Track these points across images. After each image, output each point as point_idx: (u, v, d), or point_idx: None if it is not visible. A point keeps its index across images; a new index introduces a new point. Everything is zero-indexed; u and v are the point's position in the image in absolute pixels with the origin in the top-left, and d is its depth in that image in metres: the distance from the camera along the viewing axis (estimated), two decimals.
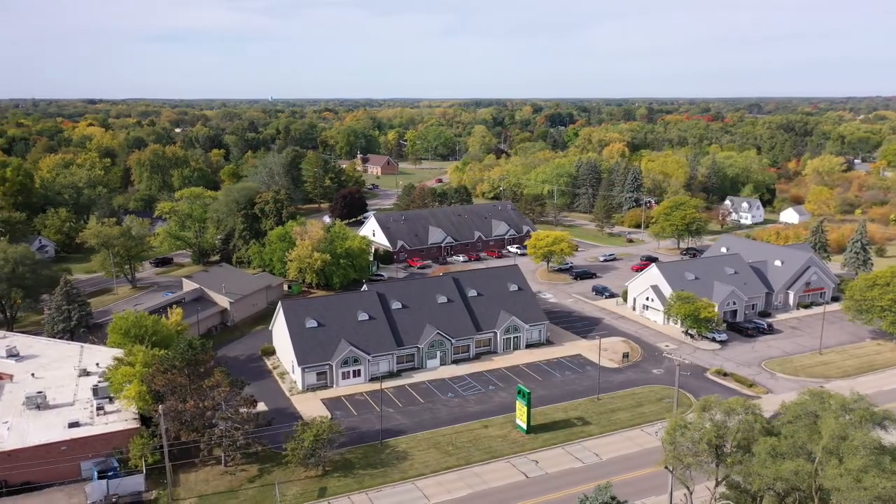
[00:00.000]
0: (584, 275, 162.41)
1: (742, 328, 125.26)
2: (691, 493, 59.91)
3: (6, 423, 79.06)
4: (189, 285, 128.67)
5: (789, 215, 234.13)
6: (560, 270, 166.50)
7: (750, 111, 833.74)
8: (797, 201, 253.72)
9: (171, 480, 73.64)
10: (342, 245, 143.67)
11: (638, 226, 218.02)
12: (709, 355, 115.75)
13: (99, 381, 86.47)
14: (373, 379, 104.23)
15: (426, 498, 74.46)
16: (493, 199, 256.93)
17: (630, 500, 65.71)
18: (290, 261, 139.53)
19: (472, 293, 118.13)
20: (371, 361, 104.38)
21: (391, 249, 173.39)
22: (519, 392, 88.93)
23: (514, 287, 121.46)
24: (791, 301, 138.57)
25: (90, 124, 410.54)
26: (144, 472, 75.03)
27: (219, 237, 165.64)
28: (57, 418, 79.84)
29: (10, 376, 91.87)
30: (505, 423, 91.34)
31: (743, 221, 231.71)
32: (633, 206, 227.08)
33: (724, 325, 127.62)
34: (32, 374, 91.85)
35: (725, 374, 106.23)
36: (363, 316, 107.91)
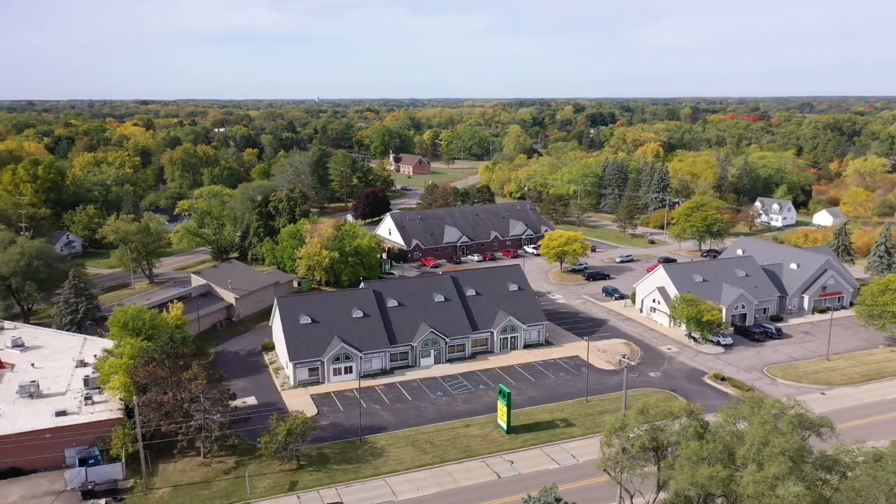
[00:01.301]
0: (596, 276, 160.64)
1: (750, 332, 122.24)
2: (631, 498, 58.83)
3: (1, 410, 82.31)
4: (197, 281, 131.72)
5: (823, 217, 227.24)
6: (574, 271, 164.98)
7: (801, 110, 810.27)
8: (833, 203, 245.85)
9: (145, 470, 75.64)
10: (351, 243, 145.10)
11: (662, 227, 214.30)
12: (710, 359, 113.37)
13: (91, 373, 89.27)
14: (365, 376, 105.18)
15: (394, 494, 74.90)
16: (519, 198, 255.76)
17: None
18: (300, 258, 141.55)
19: (470, 292, 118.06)
20: (363, 359, 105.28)
21: (405, 248, 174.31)
22: (500, 392, 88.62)
23: (513, 287, 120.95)
24: (806, 305, 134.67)
25: (135, 124, 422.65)
26: (124, 460, 77.16)
27: (238, 234, 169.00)
28: (46, 407, 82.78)
29: (12, 365, 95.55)
30: (487, 422, 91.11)
31: (773, 223, 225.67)
32: (659, 207, 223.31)
33: (732, 328, 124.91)
34: (32, 364, 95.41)
35: (723, 379, 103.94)
36: (357, 313, 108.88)
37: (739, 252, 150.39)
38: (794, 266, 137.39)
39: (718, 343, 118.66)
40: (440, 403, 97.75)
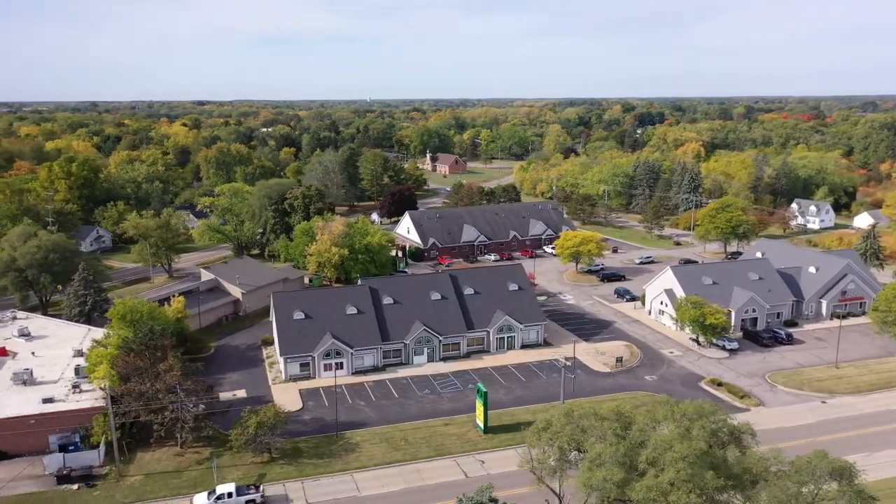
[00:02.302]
0: (612, 277, 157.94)
1: (759, 337, 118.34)
2: (560, 499, 57.38)
3: None
4: (206, 275, 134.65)
5: (864, 220, 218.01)
6: (590, 272, 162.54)
7: (864, 110, 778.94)
8: (878, 206, 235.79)
9: (119, 458, 77.69)
10: (361, 241, 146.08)
11: (690, 228, 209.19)
12: (712, 364, 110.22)
13: (83, 362, 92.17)
14: (357, 372, 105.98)
15: (358, 490, 75.18)
16: (549, 199, 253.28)
17: None
18: (310, 255, 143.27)
19: (468, 291, 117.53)
20: (354, 355, 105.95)
21: (422, 247, 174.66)
22: (478, 391, 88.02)
23: (513, 286, 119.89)
24: (824, 311, 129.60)
25: (183, 124, 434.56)
26: (102, 448, 79.42)
27: (259, 231, 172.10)
28: (36, 394, 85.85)
29: (15, 354, 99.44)
30: (468, 422, 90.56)
31: (810, 226, 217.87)
32: (690, 208, 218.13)
33: (741, 333, 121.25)
34: (33, 353, 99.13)
35: (719, 384, 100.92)
36: (352, 310, 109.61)
37: (758, 254, 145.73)
38: (812, 270, 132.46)
39: (724, 347, 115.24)
40: (425, 401, 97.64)
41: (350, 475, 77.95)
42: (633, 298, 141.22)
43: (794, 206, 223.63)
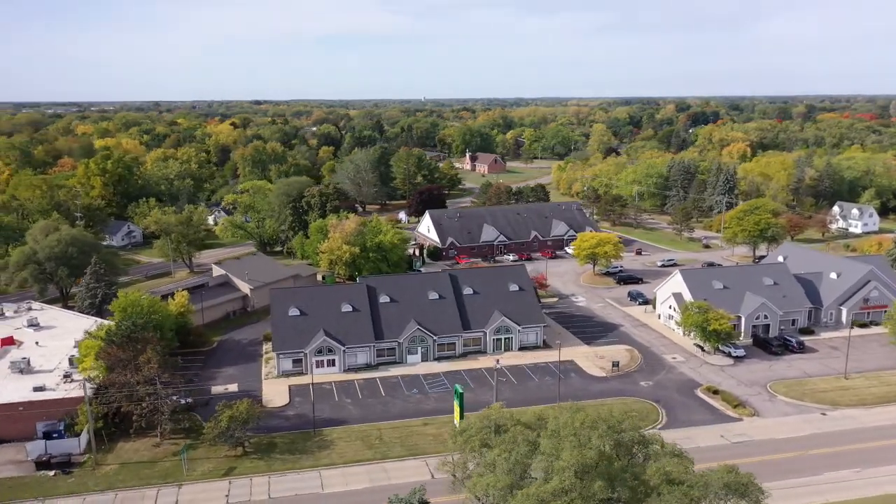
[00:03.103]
0: (628, 279, 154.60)
1: (768, 344, 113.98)
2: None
3: None
4: (217, 271, 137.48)
5: None
6: (608, 274, 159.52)
7: None
8: None
9: (94, 446, 79.98)
10: (373, 239, 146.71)
11: (721, 231, 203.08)
12: (714, 371, 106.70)
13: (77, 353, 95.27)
14: (348, 369, 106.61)
15: (321, 487, 75.54)
16: (582, 199, 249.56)
17: None
18: (322, 252, 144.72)
19: (467, 291, 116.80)
20: (347, 352, 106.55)
21: (440, 246, 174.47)
22: (455, 392, 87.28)
23: (514, 287, 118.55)
24: (844, 318, 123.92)
25: (232, 123, 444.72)
26: (85, 436, 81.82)
27: (282, 228, 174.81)
28: (31, 382, 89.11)
29: (21, 343, 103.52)
30: (447, 422, 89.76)
31: (852, 230, 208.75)
32: (724, 210, 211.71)
33: (751, 339, 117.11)
34: (37, 343, 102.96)
35: (716, 392, 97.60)
36: (347, 308, 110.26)
37: (780, 258, 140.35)
38: (833, 276, 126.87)
39: (729, 354, 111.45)
40: (411, 401, 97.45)
41: (318, 472, 78.39)
42: (646, 302, 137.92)
43: (835, 208, 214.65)
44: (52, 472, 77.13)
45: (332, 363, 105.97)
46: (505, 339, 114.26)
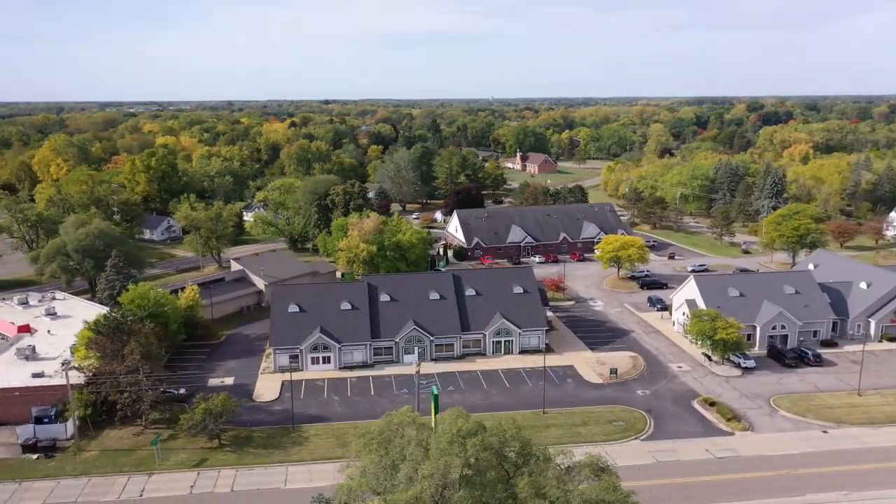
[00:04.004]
0: (652, 284, 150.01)
1: (782, 356, 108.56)
2: None
3: None
4: (235, 267, 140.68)
5: None
6: (633, 278, 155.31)
7: None
8: None
9: (76, 433, 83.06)
10: (391, 238, 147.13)
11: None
12: (718, 382, 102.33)
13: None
14: (344, 367, 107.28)
15: (284, 483, 76.23)
16: (635, 201, 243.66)
17: None
18: (340, 250, 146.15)
19: (469, 292, 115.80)
20: (343, 350, 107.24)
21: (465, 246, 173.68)
22: (431, 394, 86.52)
23: (518, 290, 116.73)
24: (872, 331, 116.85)
25: (292, 123, 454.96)
26: (70, 422, 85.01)
27: (309, 225, 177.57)
28: (32, 368, 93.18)
29: (35, 330, 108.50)
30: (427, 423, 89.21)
31: None
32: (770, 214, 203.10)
33: (767, 350, 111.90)
34: (49, 331, 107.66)
35: (712, 404, 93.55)
36: (345, 305, 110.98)
37: (810, 266, 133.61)
38: (863, 285, 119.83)
39: (738, 365, 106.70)
40: (398, 401, 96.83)
41: (285, 467, 79.13)
42: (664, 308, 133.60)
43: (892, 214, 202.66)
44: (35, 456, 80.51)
45: (327, 360, 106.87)
46: (505, 341, 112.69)
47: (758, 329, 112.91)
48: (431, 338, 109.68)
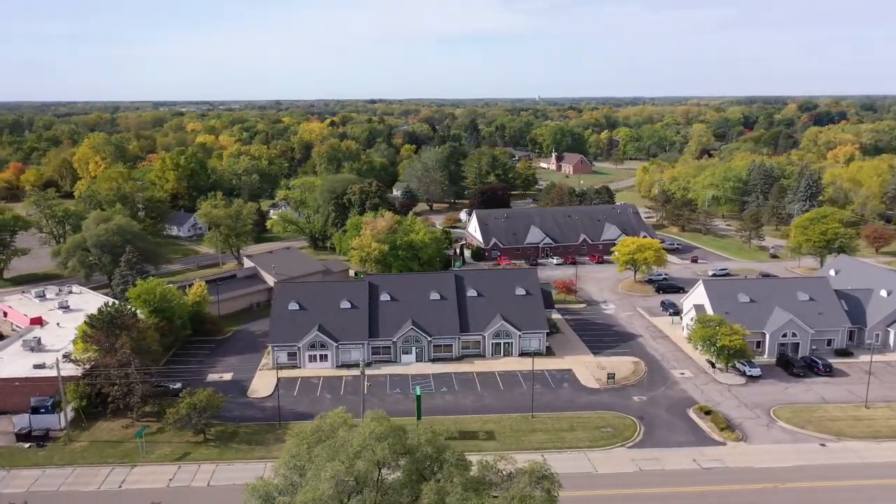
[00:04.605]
0: (669, 288, 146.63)
1: (790, 365, 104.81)
2: None
3: (0, 357, 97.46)
4: (248, 264, 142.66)
5: None
6: (650, 281, 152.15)
7: None
8: None
9: (67, 423, 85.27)
10: (403, 237, 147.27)
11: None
12: (719, 390, 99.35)
13: None
14: (342, 365, 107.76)
15: (262, 478, 76.60)
16: (664, 202, 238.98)
17: None
18: (353, 249, 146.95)
19: (471, 293, 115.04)
20: (340, 349, 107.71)
21: (483, 246, 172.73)
22: (415, 394, 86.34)
23: (520, 291, 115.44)
24: (892, 341, 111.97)
25: (332, 122, 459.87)
26: (66, 413, 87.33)
27: (329, 224, 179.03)
28: (35, 360, 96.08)
29: (46, 323, 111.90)
30: (410, 424, 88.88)
31: None
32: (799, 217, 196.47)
33: (776, 358, 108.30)
34: (58, 324, 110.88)
35: (708, 413, 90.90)
36: (345, 304, 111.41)
37: (831, 272, 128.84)
38: (883, 293, 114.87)
39: (743, 373, 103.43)
40: (389, 401, 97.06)
41: (264, 464, 79.61)
42: (677, 313, 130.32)
43: None
44: (27, 445, 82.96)
45: (324, 358, 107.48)
46: (505, 343, 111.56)
47: (767, 336, 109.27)
48: (429, 338, 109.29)
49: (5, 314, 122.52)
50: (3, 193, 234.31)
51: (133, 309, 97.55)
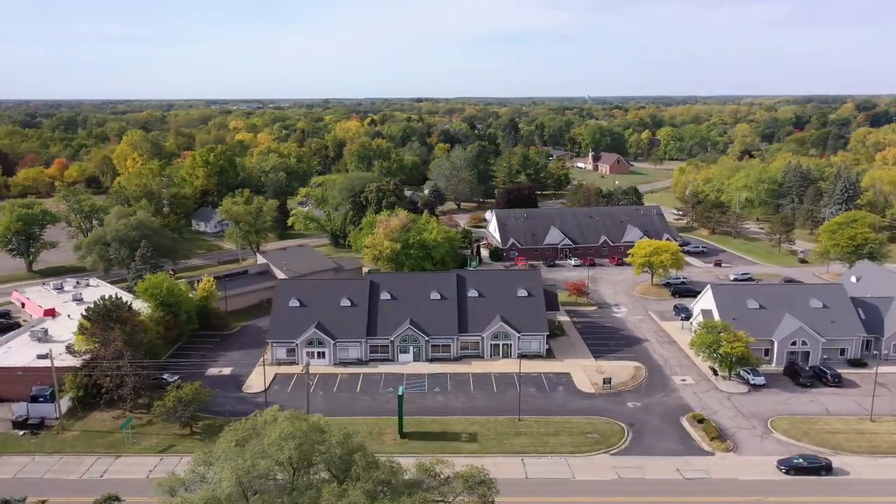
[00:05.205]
0: (686, 292, 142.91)
1: (798, 374, 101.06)
2: None
3: (9, 346, 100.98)
4: (260, 260, 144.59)
5: None
6: (668, 285, 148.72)
7: None
8: None
9: (60, 413, 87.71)
10: (416, 236, 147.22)
11: None
12: (718, 398, 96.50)
13: None
14: (339, 363, 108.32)
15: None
16: (694, 204, 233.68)
17: None
18: (366, 247, 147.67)
19: (472, 293, 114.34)
20: (338, 346, 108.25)
21: (500, 246, 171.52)
22: (398, 394, 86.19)
23: (522, 293, 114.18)
24: None
25: (371, 121, 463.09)
26: (63, 402, 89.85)
27: (347, 221, 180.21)
28: (40, 350, 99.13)
29: (58, 314, 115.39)
30: (394, 423, 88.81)
31: None
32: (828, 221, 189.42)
33: (783, 367, 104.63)
34: (69, 315, 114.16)
35: (701, 421, 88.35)
36: (345, 302, 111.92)
37: (852, 279, 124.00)
38: None
39: (747, 381, 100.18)
40: (380, 399, 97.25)
41: None
42: (689, 317, 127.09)
43: None
44: (21, 433, 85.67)
45: (321, 355, 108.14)
46: (503, 345, 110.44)
47: (775, 344, 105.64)
48: (427, 338, 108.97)
49: (23, 305, 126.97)
50: (47, 188, 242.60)
51: (129, 303, 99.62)
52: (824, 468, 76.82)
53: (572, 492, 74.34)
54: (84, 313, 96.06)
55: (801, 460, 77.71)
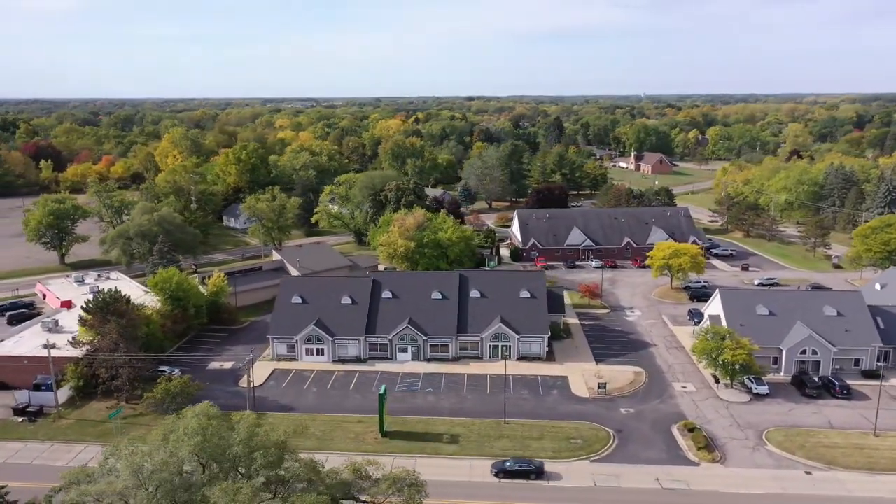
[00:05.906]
0: (703, 297, 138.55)
1: (804, 385, 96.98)
2: None
3: (21, 335, 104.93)
4: (275, 257, 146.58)
5: None
6: (687, 288, 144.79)
7: None
8: None
9: (57, 402, 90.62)
10: (430, 235, 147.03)
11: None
12: (716, 407, 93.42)
13: None
14: (338, 360, 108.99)
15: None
16: (729, 206, 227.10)
17: None
18: (381, 246, 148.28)
19: (474, 294, 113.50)
20: (337, 343, 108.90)
21: (521, 246, 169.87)
22: (380, 394, 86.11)
23: (525, 294, 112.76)
24: None
25: (416, 119, 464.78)
26: (63, 391, 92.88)
27: (367, 219, 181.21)
28: (49, 340, 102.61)
29: (74, 306, 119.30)
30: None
31: None
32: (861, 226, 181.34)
33: (791, 377, 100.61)
34: (82, 307, 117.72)
35: (691, 430, 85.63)
36: (346, 300, 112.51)
37: (877, 286, 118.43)
38: None
39: (750, 390, 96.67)
40: (371, 398, 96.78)
41: None
42: (701, 322, 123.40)
43: None
44: (20, 419, 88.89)
45: (320, 352, 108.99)
46: (503, 346, 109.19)
47: (784, 353, 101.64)
48: (425, 337, 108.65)
49: (44, 296, 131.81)
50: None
51: (127, 296, 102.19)
52: (534, 472, 75.99)
53: (543, 498, 73.02)
54: (83, 305, 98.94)
55: (511, 463, 77.03)
